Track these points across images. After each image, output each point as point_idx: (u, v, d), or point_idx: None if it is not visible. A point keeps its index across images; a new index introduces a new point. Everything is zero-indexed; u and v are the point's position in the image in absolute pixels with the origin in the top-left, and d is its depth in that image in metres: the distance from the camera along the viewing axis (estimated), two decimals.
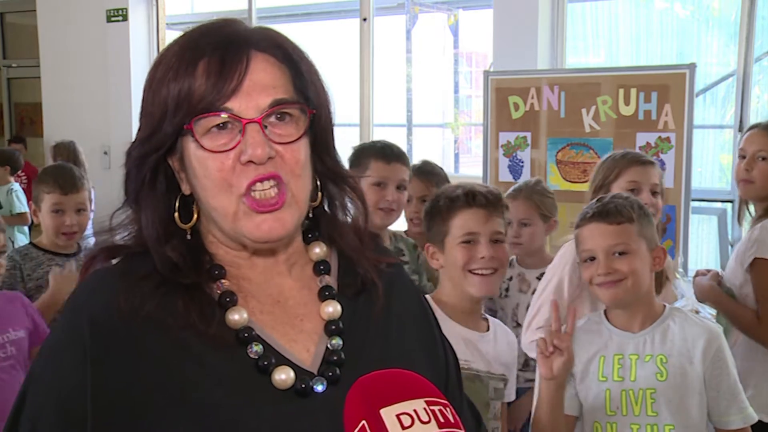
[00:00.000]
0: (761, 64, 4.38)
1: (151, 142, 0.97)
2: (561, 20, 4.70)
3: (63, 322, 1.00)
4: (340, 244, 1.08)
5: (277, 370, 0.94)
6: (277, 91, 0.96)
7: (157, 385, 0.92)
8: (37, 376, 0.97)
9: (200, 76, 0.94)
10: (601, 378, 1.87)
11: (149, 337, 0.94)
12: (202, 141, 0.94)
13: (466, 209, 1.91)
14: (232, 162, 0.94)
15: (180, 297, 0.95)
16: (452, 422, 0.88)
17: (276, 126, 0.96)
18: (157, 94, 0.96)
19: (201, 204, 0.99)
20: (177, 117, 0.94)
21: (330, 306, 1.02)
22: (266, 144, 0.94)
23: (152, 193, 1.00)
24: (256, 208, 0.95)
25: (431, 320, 1.15)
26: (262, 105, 0.95)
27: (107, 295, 0.95)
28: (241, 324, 0.97)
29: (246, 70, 0.94)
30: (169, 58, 0.97)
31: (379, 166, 2.52)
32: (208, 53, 0.95)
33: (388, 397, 0.88)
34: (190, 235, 1.01)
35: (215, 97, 0.93)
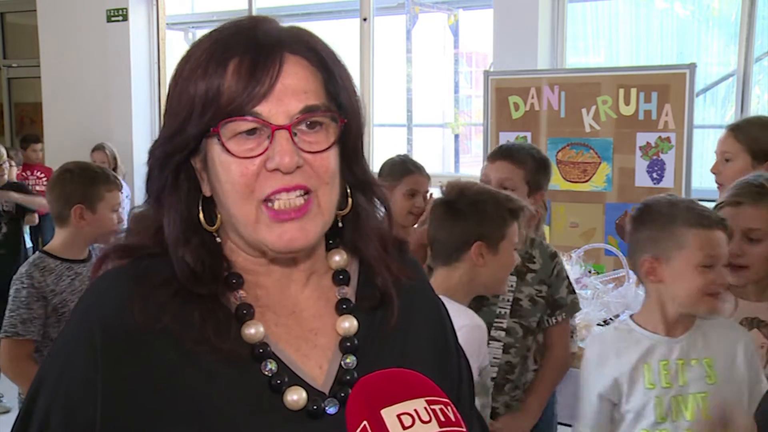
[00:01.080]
0: (761, 64, 4.38)
1: (174, 141, 0.94)
2: (561, 20, 4.70)
3: (74, 323, 0.98)
4: (363, 252, 1.04)
5: (289, 391, 0.92)
6: (309, 96, 0.92)
7: (168, 398, 0.90)
8: (48, 377, 0.96)
9: (230, 77, 0.90)
10: (648, 386, 1.83)
11: (162, 348, 0.92)
12: (228, 145, 0.91)
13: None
14: (257, 168, 0.91)
15: (196, 308, 0.93)
16: (453, 421, 0.87)
17: (306, 134, 0.92)
18: (184, 92, 0.93)
19: (221, 208, 0.96)
20: (204, 118, 0.91)
21: (346, 321, 0.99)
22: (295, 152, 0.90)
23: (175, 193, 0.97)
24: (275, 217, 0.91)
25: (449, 332, 1.12)
26: (292, 111, 0.91)
27: (120, 299, 0.93)
28: (257, 339, 0.94)
29: (278, 73, 0.90)
30: (199, 55, 0.93)
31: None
32: (240, 53, 0.91)
33: (389, 398, 0.87)
34: (217, 236, 0.98)
35: (245, 100, 0.90)
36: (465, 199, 2.05)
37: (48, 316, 2.52)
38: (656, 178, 3.89)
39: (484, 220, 2.02)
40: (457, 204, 2.06)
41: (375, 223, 1.04)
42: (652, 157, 3.90)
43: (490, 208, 2.03)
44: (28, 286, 2.50)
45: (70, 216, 2.59)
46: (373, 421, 0.85)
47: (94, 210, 2.60)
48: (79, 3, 6.65)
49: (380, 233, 1.05)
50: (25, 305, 2.48)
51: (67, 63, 6.75)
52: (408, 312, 1.05)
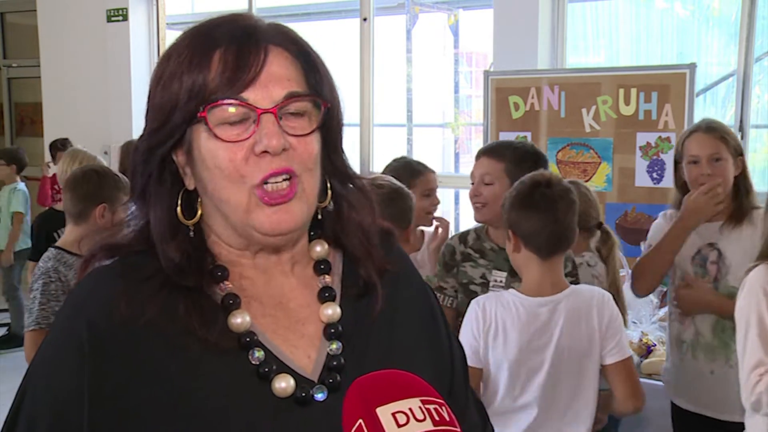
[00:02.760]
0: (761, 64, 4.38)
1: (159, 134, 0.95)
2: (561, 20, 4.69)
3: (61, 322, 0.98)
4: (345, 244, 1.06)
5: (277, 378, 0.93)
6: (292, 83, 0.95)
7: (156, 391, 0.91)
8: (36, 376, 0.97)
9: (215, 68, 0.92)
10: None
11: (149, 342, 0.92)
12: (216, 131, 0.92)
13: None
14: (246, 153, 0.92)
15: (181, 301, 0.94)
16: (447, 420, 0.87)
17: (290, 119, 0.94)
18: (168, 87, 0.94)
19: (207, 198, 0.97)
20: (189, 106, 0.93)
21: (329, 308, 1.01)
22: (281, 134, 0.92)
23: (160, 188, 0.98)
24: (267, 200, 0.93)
25: (438, 317, 1.13)
26: (276, 97, 0.93)
27: (107, 297, 0.94)
28: (244, 327, 0.95)
29: (264, 62, 0.93)
30: (181, 51, 0.95)
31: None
32: (224, 44, 0.93)
33: (384, 397, 0.88)
34: (193, 232, 0.99)
35: (230, 88, 0.92)
36: None
37: None
38: (656, 178, 3.89)
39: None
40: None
41: (357, 215, 1.06)
42: (652, 157, 3.90)
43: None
44: (55, 280, 2.62)
45: (91, 214, 2.74)
46: (369, 419, 0.86)
47: (114, 211, 2.73)
48: (79, 3, 6.65)
49: (362, 224, 1.06)
50: (55, 298, 2.59)
51: (67, 63, 6.75)
52: (394, 300, 1.06)
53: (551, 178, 2.20)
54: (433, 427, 0.86)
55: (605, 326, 2.12)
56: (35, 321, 2.58)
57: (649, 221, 3.91)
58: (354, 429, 0.86)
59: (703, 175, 2.56)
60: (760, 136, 4.46)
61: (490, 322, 2.10)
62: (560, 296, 2.14)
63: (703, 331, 2.60)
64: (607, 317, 2.13)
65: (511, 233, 2.19)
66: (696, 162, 2.59)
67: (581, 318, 2.12)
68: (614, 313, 2.15)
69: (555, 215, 2.13)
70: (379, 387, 0.90)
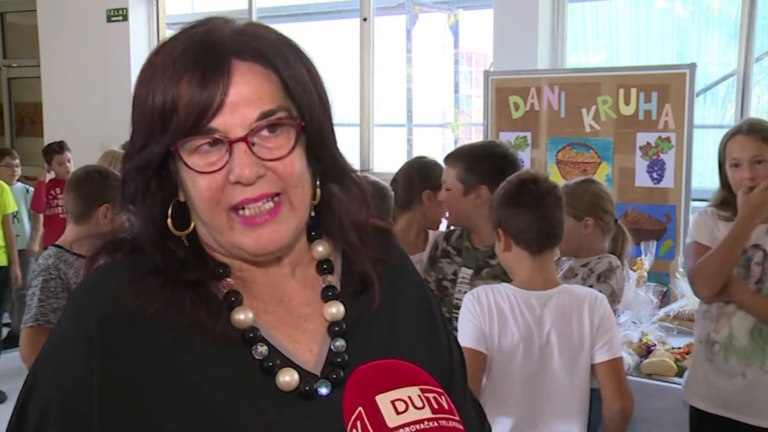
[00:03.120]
0: (761, 64, 4.38)
1: (142, 156, 0.96)
2: (561, 20, 4.69)
3: (69, 315, 1.00)
4: (339, 240, 1.06)
5: (281, 372, 0.94)
6: (264, 102, 0.92)
7: (162, 384, 0.92)
8: (45, 368, 0.97)
9: (184, 94, 0.91)
10: None
11: (155, 334, 0.93)
12: (191, 160, 0.92)
13: None
14: (221, 181, 0.92)
15: (187, 294, 0.95)
16: (446, 409, 0.88)
17: (266, 140, 0.93)
18: (144, 107, 0.94)
19: (194, 216, 0.98)
20: (165, 137, 0.92)
21: (333, 307, 1.01)
22: (254, 164, 0.91)
23: (144, 203, 0.99)
24: (247, 223, 0.93)
25: (436, 314, 1.14)
26: (248, 119, 0.91)
27: (114, 290, 0.95)
28: (247, 324, 0.96)
29: (228, 85, 0.91)
30: (154, 71, 0.94)
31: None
32: (191, 69, 0.91)
33: (383, 385, 0.89)
34: (187, 242, 0.99)
35: (200, 116, 0.90)
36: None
37: None
38: (656, 178, 3.89)
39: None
40: None
41: (350, 211, 1.05)
42: (652, 157, 3.90)
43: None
44: (56, 277, 2.62)
45: (93, 214, 2.74)
46: (368, 407, 0.86)
47: (115, 213, 2.66)
48: (79, 3, 6.64)
49: (356, 220, 1.06)
50: (54, 295, 2.59)
51: (67, 63, 6.74)
52: (392, 295, 1.07)
53: (537, 175, 2.23)
54: (432, 415, 0.86)
55: (596, 325, 2.14)
56: (33, 317, 2.58)
57: (649, 221, 3.91)
58: (354, 416, 0.87)
59: (745, 179, 2.51)
60: None
61: (489, 308, 2.12)
62: (552, 292, 2.16)
63: (738, 333, 2.55)
64: (598, 317, 2.15)
65: (501, 232, 2.21)
66: (737, 165, 2.54)
67: (572, 316, 2.13)
68: (606, 313, 2.17)
69: (543, 211, 2.16)
70: (378, 375, 0.91)
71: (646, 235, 3.76)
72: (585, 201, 2.76)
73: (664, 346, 3.24)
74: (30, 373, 0.99)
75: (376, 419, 0.84)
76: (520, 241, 2.17)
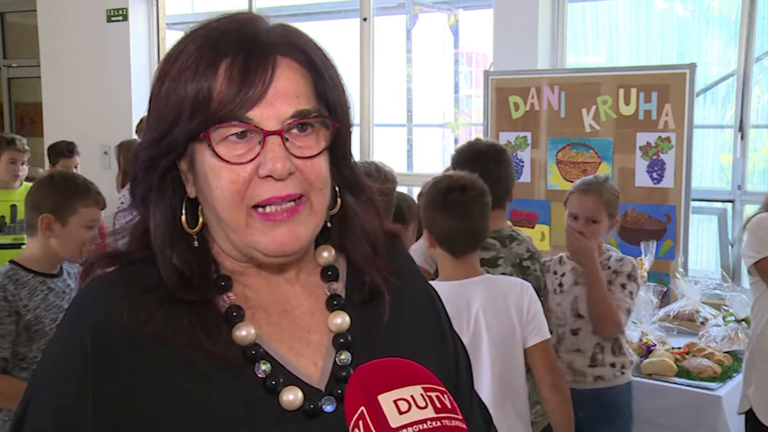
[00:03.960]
0: (761, 64, 4.37)
1: (161, 145, 0.92)
2: (561, 20, 4.69)
3: (64, 329, 0.97)
4: (350, 252, 1.04)
5: (285, 391, 0.92)
6: (300, 101, 0.91)
7: (159, 403, 0.90)
8: (40, 384, 0.96)
9: (221, 79, 0.88)
10: None
11: (153, 353, 0.91)
12: (219, 149, 0.89)
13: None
14: (249, 175, 0.90)
15: (186, 314, 0.92)
16: (449, 408, 0.86)
17: (297, 138, 0.91)
18: (172, 93, 0.91)
19: (208, 211, 0.95)
20: (193, 123, 0.89)
21: (338, 317, 1.00)
22: (287, 158, 0.89)
23: (161, 197, 0.96)
24: (266, 219, 0.91)
25: (442, 315, 1.13)
26: (283, 115, 0.90)
27: (110, 307, 0.92)
28: (249, 340, 0.94)
29: (271, 77, 0.89)
30: (187, 55, 0.91)
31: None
32: (231, 54, 0.89)
33: (385, 384, 0.87)
34: (197, 241, 0.97)
35: (236, 105, 0.88)
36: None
37: (19, 333, 2.37)
38: (656, 178, 3.88)
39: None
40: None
41: (363, 223, 1.04)
42: (652, 157, 3.89)
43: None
44: (1, 299, 2.35)
45: (36, 225, 2.44)
46: (370, 407, 0.85)
47: (64, 222, 2.44)
48: (79, 3, 6.64)
49: (368, 233, 1.04)
50: None
51: (67, 63, 6.74)
52: (400, 306, 1.05)
53: (466, 182, 2.27)
54: (435, 415, 0.85)
55: (525, 311, 2.24)
56: None
57: (649, 221, 3.91)
58: (356, 416, 0.86)
59: None
60: (760, 136, 4.45)
61: None
62: (475, 279, 2.24)
63: None
64: (526, 303, 2.24)
65: (427, 233, 2.28)
66: None
67: (499, 302, 2.22)
68: (533, 299, 2.27)
69: (468, 221, 2.23)
70: (380, 374, 0.89)
71: (646, 235, 3.76)
72: (616, 202, 2.84)
73: (664, 346, 3.24)
74: (28, 386, 0.98)
75: (378, 419, 0.83)
76: (444, 245, 2.26)
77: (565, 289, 2.86)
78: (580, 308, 2.80)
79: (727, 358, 3.14)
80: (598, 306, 2.69)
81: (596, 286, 2.69)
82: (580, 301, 2.80)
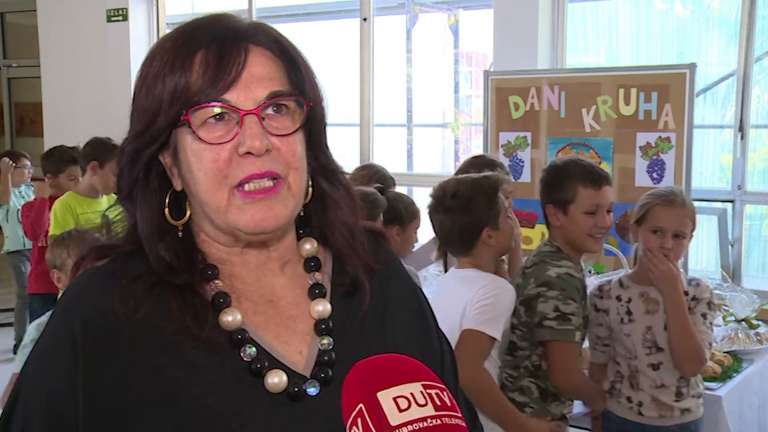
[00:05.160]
0: (761, 64, 4.37)
1: (144, 136, 0.96)
2: (561, 20, 4.69)
3: (54, 321, 0.99)
4: (330, 240, 1.07)
5: (270, 374, 0.95)
6: (274, 83, 0.96)
7: (150, 388, 0.92)
8: (30, 376, 0.97)
9: (197, 69, 0.93)
10: None
11: (142, 340, 0.93)
12: (199, 132, 0.93)
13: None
14: (229, 154, 0.94)
15: (173, 299, 0.95)
16: (449, 405, 0.87)
17: (273, 118, 0.95)
18: (152, 89, 0.95)
19: (193, 200, 0.99)
20: (173, 109, 0.94)
21: (319, 305, 1.02)
22: (264, 136, 0.93)
23: (146, 189, 0.99)
24: (246, 196, 0.94)
25: (427, 313, 1.15)
26: (259, 97, 0.94)
27: (99, 296, 0.94)
28: (235, 325, 0.96)
29: (244, 62, 0.94)
30: (163, 53, 0.96)
31: (589, 193, 2.50)
32: (205, 45, 0.94)
33: (384, 381, 0.87)
34: (181, 232, 1.00)
35: (213, 89, 0.93)
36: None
37: None
38: (656, 178, 3.88)
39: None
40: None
41: (341, 211, 1.07)
42: (652, 157, 3.89)
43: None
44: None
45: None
46: (369, 404, 0.85)
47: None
48: (79, 3, 6.64)
49: (346, 221, 1.07)
50: None
51: (67, 63, 6.74)
52: (383, 297, 1.08)
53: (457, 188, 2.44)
54: (435, 412, 0.85)
55: (475, 300, 2.31)
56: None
57: None
58: (354, 413, 0.86)
59: None
60: (760, 136, 4.45)
61: None
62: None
63: None
64: (479, 296, 2.31)
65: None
66: None
67: (455, 292, 2.37)
68: (489, 294, 2.32)
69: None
70: (379, 371, 0.90)
71: None
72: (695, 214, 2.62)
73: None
74: (18, 377, 0.99)
75: (377, 417, 0.83)
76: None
77: (635, 318, 2.55)
78: (658, 340, 2.50)
79: (727, 358, 3.14)
80: (682, 342, 2.42)
81: (681, 318, 2.42)
82: (656, 332, 2.50)
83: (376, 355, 0.93)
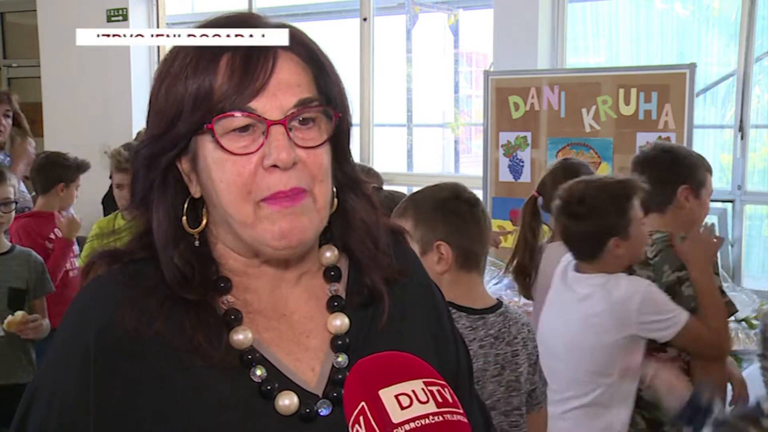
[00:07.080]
0: (761, 64, 4.37)
1: (163, 141, 0.92)
2: (561, 20, 4.69)
3: (67, 329, 0.97)
4: (352, 250, 1.04)
5: (281, 395, 0.92)
6: (302, 89, 0.92)
7: (161, 405, 0.90)
8: (43, 384, 0.96)
9: (222, 73, 0.89)
10: None
11: (154, 354, 0.91)
12: (222, 141, 0.89)
13: None
14: (254, 167, 0.90)
15: (186, 316, 0.92)
16: (451, 402, 0.86)
17: (299, 130, 0.92)
18: (172, 90, 0.91)
19: (213, 209, 0.95)
20: (195, 116, 0.89)
21: (338, 319, 0.99)
22: (291, 147, 0.89)
23: (163, 196, 0.95)
24: (275, 205, 0.90)
25: (444, 316, 1.12)
26: (286, 105, 0.90)
27: (111, 305, 0.92)
28: (246, 345, 0.94)
29: (273, 68, 0.90)
30: (186, 53, 0.92)
31: (710, 181, 2.69)
32: (232, 48, 0.90)
33: (386, 379, 0.87)
34: (198, 241, 0.96)
35: (238, 97, 0.89)
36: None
37: None
38: None
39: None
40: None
41: (364, 219, 1.03)
42: None
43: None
44: None
45: None
46: (371, 402, 0.84)
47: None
48: (79, 3, 6.64)
49: (369, 228, 1.04)
50: None
51: (67, 63, 6.73)
52: (401, 305, 1.04)
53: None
54: (437, 409, 0.84)
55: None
56: None
57: None
58: (356, 412, 0.85)
59: None
60: (760, 136, 4.45)
61: None
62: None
63: None
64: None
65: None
66: None
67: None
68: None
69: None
70: (381, 369, 0.89)
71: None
72: None
73: None
74: (30, 386, 0.97)
75: (379, 414, 0.83)
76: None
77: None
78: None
79: None
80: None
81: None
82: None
83: (376, 353, 0.92)
